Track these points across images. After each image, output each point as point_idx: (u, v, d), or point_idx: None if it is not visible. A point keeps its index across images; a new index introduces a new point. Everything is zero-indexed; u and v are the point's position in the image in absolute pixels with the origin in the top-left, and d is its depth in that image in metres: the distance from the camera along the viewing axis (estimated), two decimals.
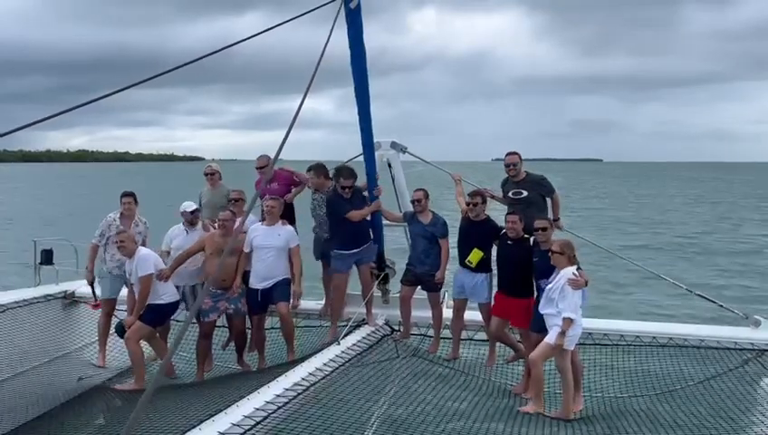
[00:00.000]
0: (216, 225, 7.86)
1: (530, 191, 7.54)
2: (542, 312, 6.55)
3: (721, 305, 7.91)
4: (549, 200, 7.71)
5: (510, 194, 7.64)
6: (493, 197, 7.90)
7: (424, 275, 7.67)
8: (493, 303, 7.38)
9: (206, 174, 8.73)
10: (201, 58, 3.94)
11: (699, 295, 8.20)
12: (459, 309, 7.70)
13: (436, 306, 7.80)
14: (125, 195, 8.19)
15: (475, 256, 7.36)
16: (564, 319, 6.31)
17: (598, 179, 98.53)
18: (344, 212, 7.44)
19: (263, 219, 7.74)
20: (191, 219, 7.99)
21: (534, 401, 6.48)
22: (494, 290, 7.45)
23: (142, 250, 7.45)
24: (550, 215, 7.54)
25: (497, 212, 7.83)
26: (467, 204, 7.52)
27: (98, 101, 3.55)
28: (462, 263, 7.50)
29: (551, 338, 6.39)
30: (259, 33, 4.27)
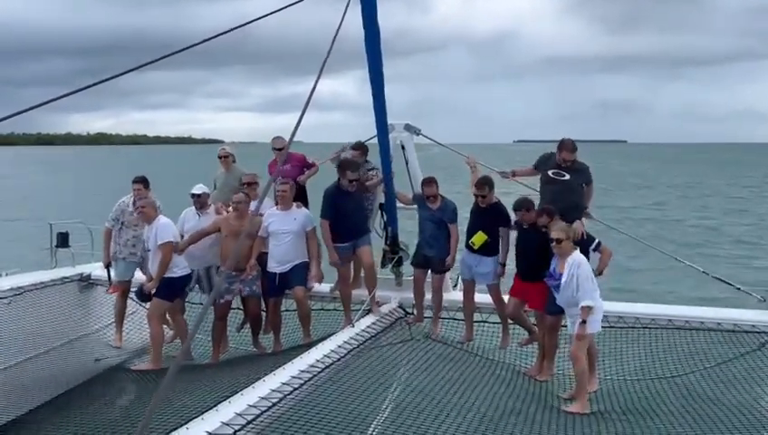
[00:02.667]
0: (228, 208, 7.88)
1: (572, 176, 7.37)
2: (562, 305, 6.51)
3: (738, 288, 7.84)
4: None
5: (551, 173, 7.46)
6: (514, 176, 7.93)
7: (432, 259, 7.66)
8: (511, 283, 7.35)
9: (220, 157, 8.73)
10: (216, 36, 3.90)
11: (716, 278, 8.12)
12: (468, 291, 7.70)
13: (438, 290, 7.77)
14: (135, 181, 8.21)
15: (478, 238, 7.37)
16: (583, 308, 6.22)
17: (638, 166, 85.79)
18: (346, 209, 7.39)
19: (276, 203, 7.73)
20: (196, 202, 8.00)
21: (579, 401, 6.26)
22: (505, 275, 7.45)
23: (162, 218, 7.50)
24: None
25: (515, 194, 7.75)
26: (475, 196, 7.44)
27: (108, 81, 3.53)
28: (466, 244, 7.51)
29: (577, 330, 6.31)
30: (273, 13, 4.22)
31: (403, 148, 8.53)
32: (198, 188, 8.06)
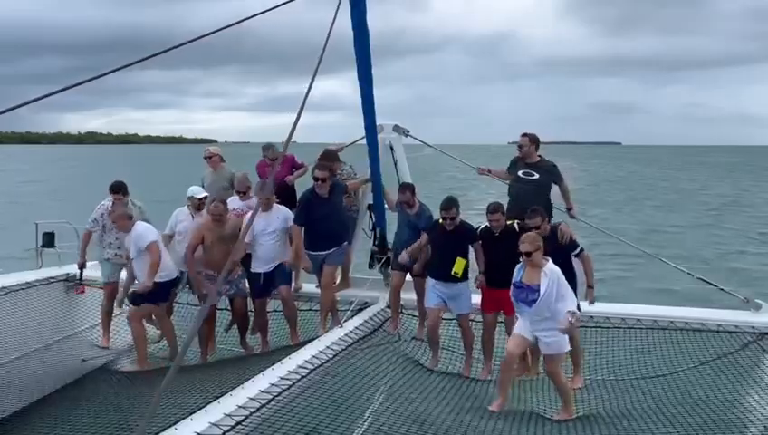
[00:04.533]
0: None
1: (541, 175, 7.49)
2: (532, 319, 6.08)
3: (722, 289, 7.93)
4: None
5: (520, 173, 7.59)
6: (489, 172, 7.99)
7: (410, 264, 7.45)
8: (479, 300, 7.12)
9: (205, 157, 8.77)
10: (209, 34, 3.88)
11: (700, 279, 8.21)
12: (436, 318, 7.22)
13: (422, 293, 7.65)
14: (112, 190, 8.15)
15: (459, 265, 6.99)
16: (570, 312, 5.85)
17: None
18: (316, 216, 7.37)
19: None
20: (198, 205, 7.99)
21: (564, 409, 6.11)
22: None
23: (138, 226, 7.48)
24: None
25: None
26: (444, 219, 6.96)
27: (100, 78, 3.50)
28: (442, 275, 7.06)
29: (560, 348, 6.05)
30: (266, 11, 4.21)
31: (392, 149, 8.56)
32: (200, 192, 8.05)
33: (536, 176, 7.46)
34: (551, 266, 6.00)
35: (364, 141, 7.85)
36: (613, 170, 77.20)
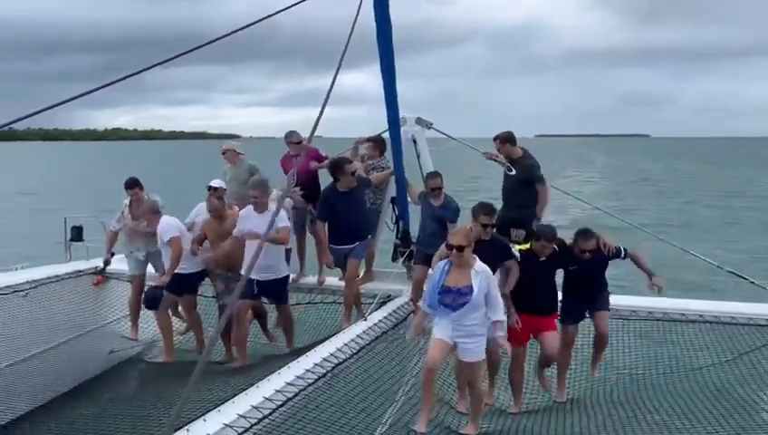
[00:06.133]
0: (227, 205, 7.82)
1: (518, 171, 7.47)
2: (454, 325, 5.40)
3: (753, 282, 7.80)
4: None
5: (505, 168, 7.64)
6: (495, 158, 7.81)
7: (433, 257, 7.31)
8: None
9: (222, 153, 8.85)
10: (240, 30, 3.92)
11: (730, 272, 8.08)
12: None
13: None
14: (129, 187, 8.39)
15: None
16: (496, 322, 5.43)
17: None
18: (338, 210, 7.35)
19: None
20: (213, 195, 8.05)
21: (472, 421, 5.66)
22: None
23: (163, 220, 7.59)
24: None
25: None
26: (484, 226, 6.13)
27: (135, 75, 3.55)
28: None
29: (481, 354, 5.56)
30: (290, 7, 4.23)
31: (415, 142, 8.52)
32: (216, 182, 8.12)
33: (513, 172, 7.47)
34: (480, 265, 5.41)
35: (386, 134, 7.85)
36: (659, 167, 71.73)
